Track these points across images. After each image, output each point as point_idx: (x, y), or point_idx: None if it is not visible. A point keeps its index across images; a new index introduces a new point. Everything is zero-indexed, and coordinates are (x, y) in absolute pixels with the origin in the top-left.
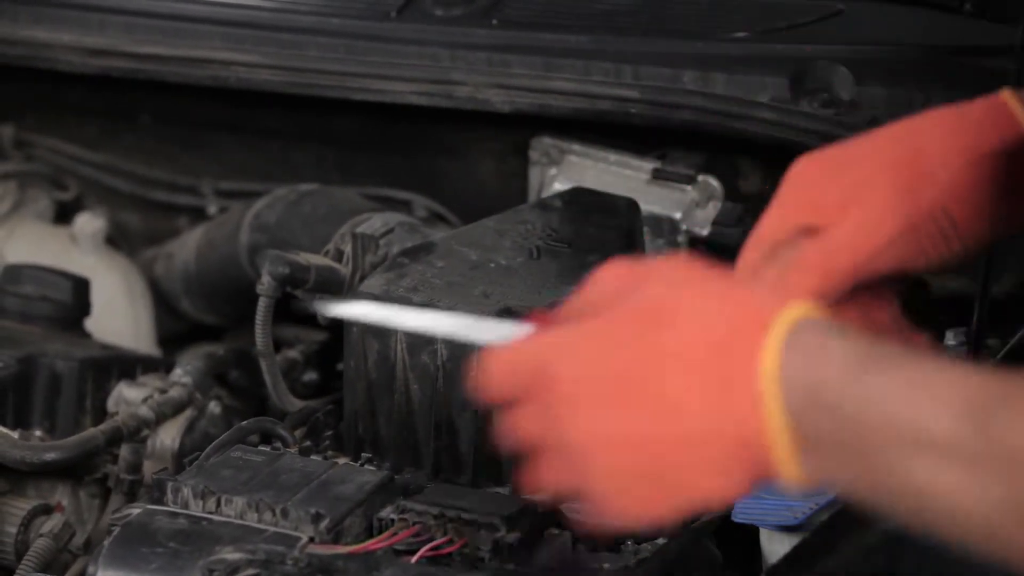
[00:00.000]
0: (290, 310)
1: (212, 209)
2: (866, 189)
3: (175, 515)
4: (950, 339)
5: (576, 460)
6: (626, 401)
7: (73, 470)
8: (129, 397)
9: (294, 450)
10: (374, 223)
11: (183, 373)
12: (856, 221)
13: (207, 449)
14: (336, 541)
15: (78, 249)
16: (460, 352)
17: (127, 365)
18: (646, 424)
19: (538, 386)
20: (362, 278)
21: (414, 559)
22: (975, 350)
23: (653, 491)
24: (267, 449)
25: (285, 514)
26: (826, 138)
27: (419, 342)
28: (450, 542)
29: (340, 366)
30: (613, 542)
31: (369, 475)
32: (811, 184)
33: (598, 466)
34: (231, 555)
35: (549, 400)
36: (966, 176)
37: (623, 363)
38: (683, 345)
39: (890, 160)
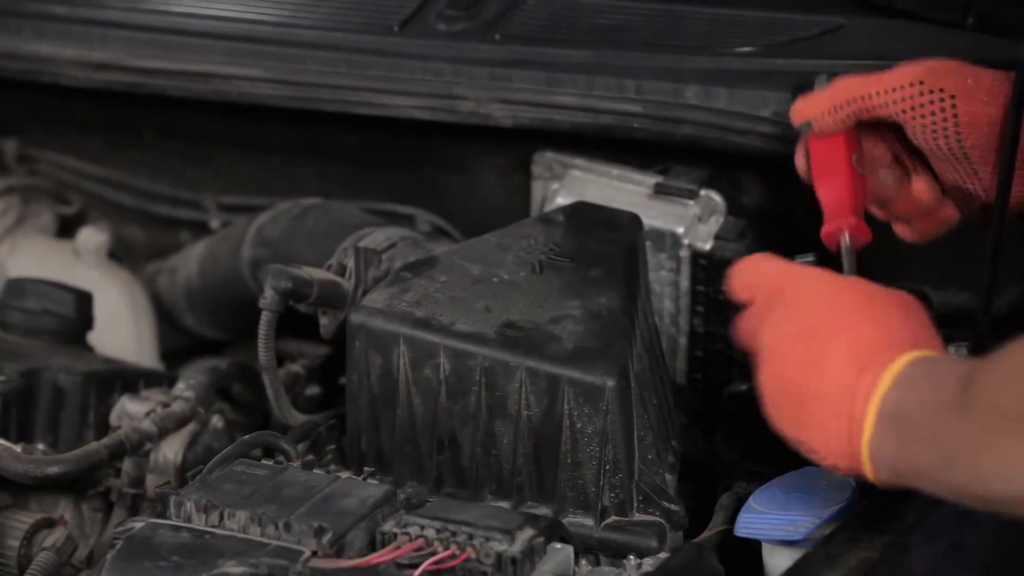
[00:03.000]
0: (293, 324)
1: (215, 223)
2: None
3: (178, 529)
4: (952, 353)
5: (759, 357)
6: (796, 351)
7: (76, 484)
8: (132, 411)
9: (297, 464)
10: (377, 237)
11: (186, 387)
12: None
13: (210, 463)
14: (339, 555)
15: (81, 263)
16: (462, 366)
17: (130, 379)
18: (799, 369)
19: (762, 304)
20: (365, 292)
21: (417, 573)
22: None
23: (785, 410)
24: (270, 463)
25: (288, 528)
26: None
27: (422, 356)
28: (453, 556)
29: (343, 380)
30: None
31: (372, 489)
32: None
33: (767, 369)
34: (234, 569)
35: (762, 319)
36: (981, 98)
37: (801, 339)
38: (833, 359)
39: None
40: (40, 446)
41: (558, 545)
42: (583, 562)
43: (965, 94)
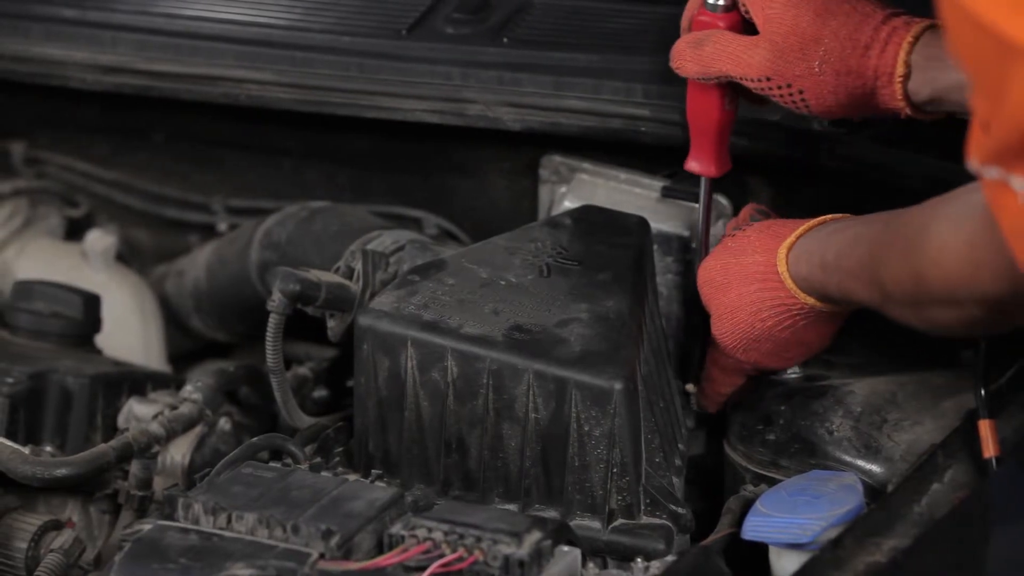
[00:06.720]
0: (301, 327)
1: (223, 226)
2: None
3: (186, 531)
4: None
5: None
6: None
7: (84, 486)
8: (139, 413)
9: (305, 466)
10: (384, 240)
11: (193, 390)
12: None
13: (218, 465)
14: (347, 557)
15: (89, 266)
16: (470, 369)
17: (137, 381)
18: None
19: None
20: (372, 295)
21: (424, 575)
22: (985, 370)
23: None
24: (278, 465)
25: (296, 530)
26: (835, 156)
27: (429, 359)
28: (460, 559)
29: (350, 383)
30: (624, 558)
31: (380, 492)
32: None
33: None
34: (242, 571)
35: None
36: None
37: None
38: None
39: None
40: (48, 448)
41: (565, 548)
42: (590, 565)
43: (814, 86)
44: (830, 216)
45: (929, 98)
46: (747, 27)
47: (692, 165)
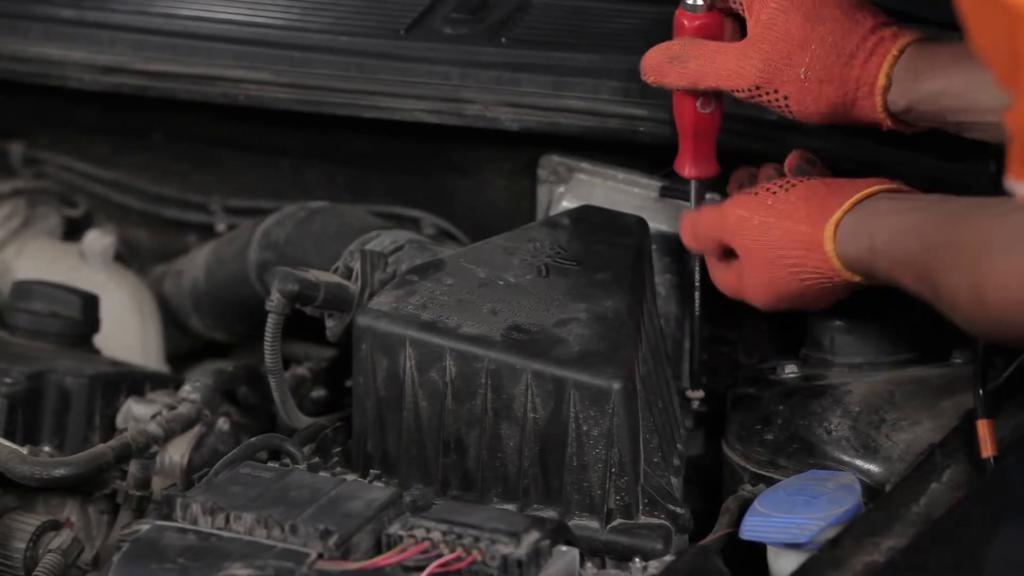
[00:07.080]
0: (299, 327)
1: (221, 226)
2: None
3: (184, 531)
4: (956, 358)
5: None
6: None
7: (82, 486)
8: (138, 413)
9: (303, 467)
10: (383, 241)
11: (192, 390)
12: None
13: (216, 465)
14: (345, 557)
15: (87, 266)
16: (468, 369)
17: (136, 382)
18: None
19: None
20: (371, 295)
21: (423, 575)
22: (983, 370)
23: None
24: (276, 465)
25: (294, 530)
26: (833, 156)
27: (428, 359)
28: (459, 558)
29: (349, 383)
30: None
31: (378, 492)
32: None
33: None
34: (240, 571)
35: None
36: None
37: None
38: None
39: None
40: (46, 448)
41: (564, 548)
42: (588, 565)
43: (798, 92)
44: (876, 186)
45: (905, 107)
46: (727, 25)
47: (678, 167)
